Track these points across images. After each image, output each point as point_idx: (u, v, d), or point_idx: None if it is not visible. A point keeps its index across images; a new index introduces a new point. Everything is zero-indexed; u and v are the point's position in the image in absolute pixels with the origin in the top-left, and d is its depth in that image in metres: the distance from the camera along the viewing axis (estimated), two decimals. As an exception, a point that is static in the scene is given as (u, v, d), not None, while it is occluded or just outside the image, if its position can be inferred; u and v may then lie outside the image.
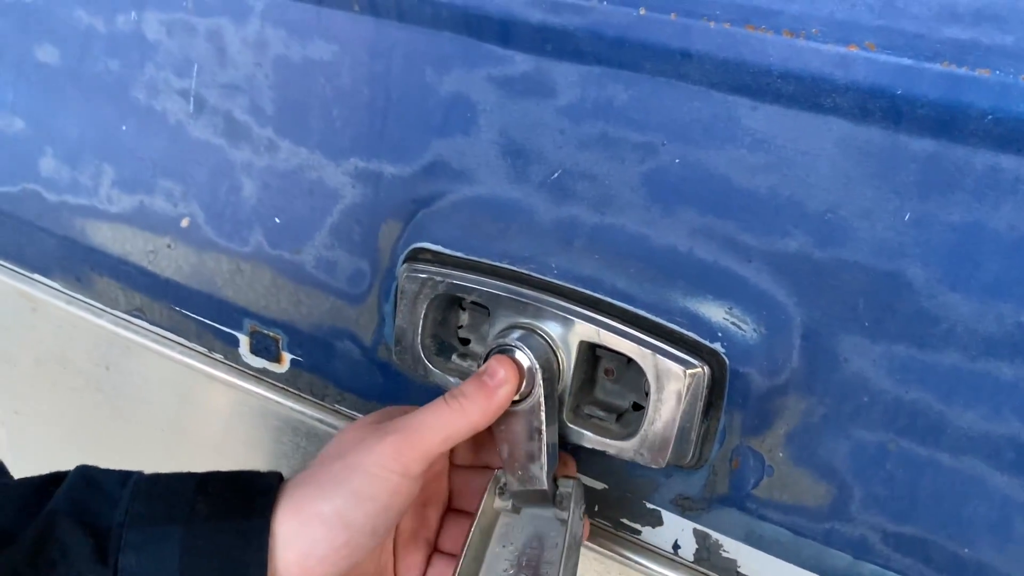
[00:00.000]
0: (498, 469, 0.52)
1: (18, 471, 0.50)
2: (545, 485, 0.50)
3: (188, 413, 0.74)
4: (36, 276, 0.78)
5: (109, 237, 0.72)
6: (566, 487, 0.51)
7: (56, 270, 0.76)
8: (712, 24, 0.46)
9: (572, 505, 0.50)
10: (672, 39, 0.48)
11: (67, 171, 0.73)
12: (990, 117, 0.41)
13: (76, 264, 0.75)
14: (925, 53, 0.42)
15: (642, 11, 0.48)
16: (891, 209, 0.45)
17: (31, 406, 0.86)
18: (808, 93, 0.45)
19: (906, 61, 0.42)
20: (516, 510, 0.52)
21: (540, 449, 0.49)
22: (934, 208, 0.44)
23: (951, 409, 0.45)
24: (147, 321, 0.72)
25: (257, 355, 0.67)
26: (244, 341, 0.67)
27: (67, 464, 0.48)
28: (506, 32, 0.52)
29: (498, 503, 0.52)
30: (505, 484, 0.52)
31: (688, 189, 0.50)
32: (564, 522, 0.50)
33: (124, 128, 0.70)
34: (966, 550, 0.46)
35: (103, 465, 0.47)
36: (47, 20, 0.72)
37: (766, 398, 0.48)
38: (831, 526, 0.49)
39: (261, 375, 0.68)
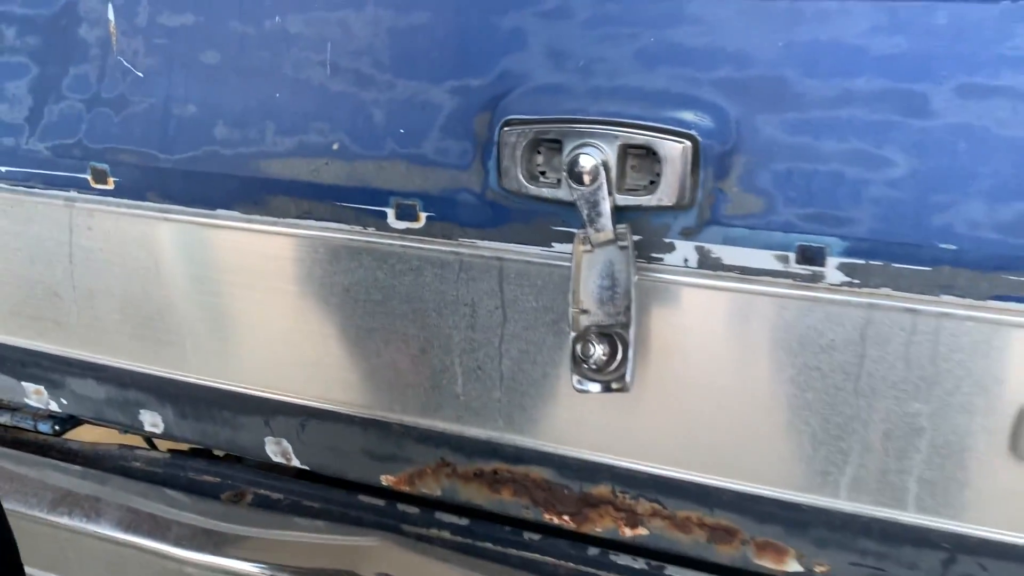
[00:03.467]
0: (579, 230, 0.91)
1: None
2: (611, 229, 0.89)
3: (346, 280, 1.10)
4: (219, 211, 1.13)
5: (278, 168, 1.08)
6: (621, 228, 0.90)
7: (236, 202, 1.12)
8: None
9: (629, 236, 0.90)
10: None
11: (237, 132, 1.09)
12: None
13: (253, 193, 1.10)
14: None
15: (620, -40, 0.87)
16: (771, 41, 0.85)
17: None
18: (717, -12, 0.85)
19: None
20: (592, 250, 0.91)
21: (606, 208, 0.88)
22: (792, 36, 0.84)
23: (819, 141, 0.86)
24: (314, 219, 1.08)
25: (400, 220, 1.04)
26: (390, 213, 1.04)
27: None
28: (541, -15, 0.91)
29: (582, 248, 0.91)
30: (585, 236, 0.91)
31: (661, 55, 0.89)
32: (625, 247, 0.90)
33: (278, 95, 1.06)
34: (839, 212, 0.87)
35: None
36: (206, 33, 1.07)
37: (723, 158, 0.89)
38: (769, 219, 0.89)
39: (404, 234, 1.05)
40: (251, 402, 1.27)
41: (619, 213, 0.92)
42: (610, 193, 0.89)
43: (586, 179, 0.88)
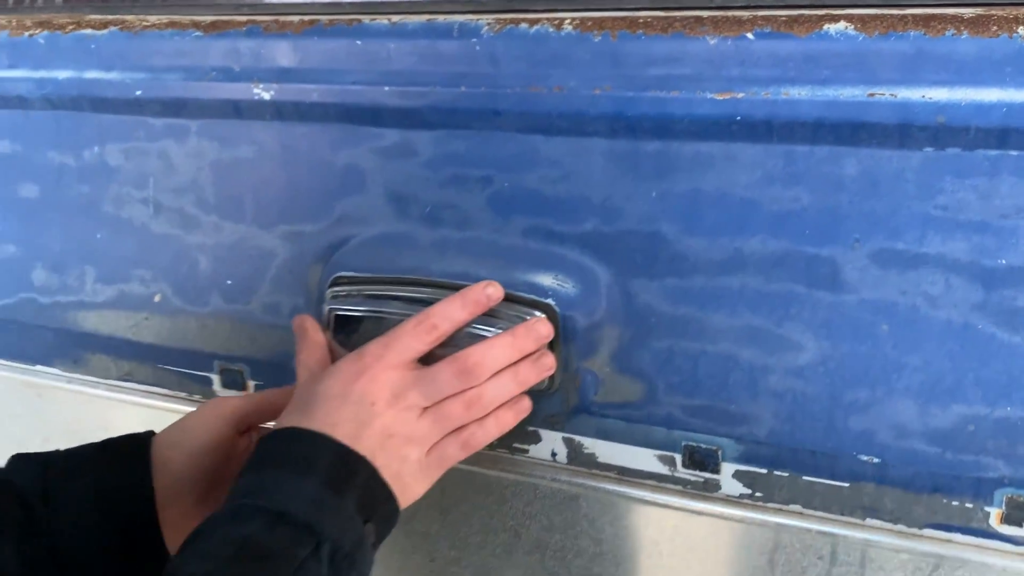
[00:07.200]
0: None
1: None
2: None
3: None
4: (38, 367, 0.96)
5: (97, 321, 0.92)
6: None
7: (55, 358, 0.95)
8: (509, 90, 0.70)
9: None
10: (485, 103, 0.70)
11: (56, 278, 0.93)
12: (686, 120, 0.65)
13: (71, 349, 0.94)
14: (640, 86, 0.66)
15: (463, 88, 0.71)
16: (643, 191, 0.68)
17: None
18: (575, 125, 0.68)
19: (629, 94, 0.66)
20: None
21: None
22: (668, 185, 0.67)
23: (706, 314, 0.68)
24: (136, 382, 0.91)
25: (227, 388, 0.87)
26: (215, 379, 0.87)
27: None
28: (376, 116, 0.75)
29: None
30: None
31: (516, 203, 0.72)
32: None
33: (99, 236, 0.90)
34: (732, 406, 0.68)
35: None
36: (25, 164, 0.92)
37: (589, 331, 0.70)
38: (649, 411, 0.70)
39: (233, 404, 0.87)
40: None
41: (464, 397, 0.74)
42: (448, 373, 0.71)
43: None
